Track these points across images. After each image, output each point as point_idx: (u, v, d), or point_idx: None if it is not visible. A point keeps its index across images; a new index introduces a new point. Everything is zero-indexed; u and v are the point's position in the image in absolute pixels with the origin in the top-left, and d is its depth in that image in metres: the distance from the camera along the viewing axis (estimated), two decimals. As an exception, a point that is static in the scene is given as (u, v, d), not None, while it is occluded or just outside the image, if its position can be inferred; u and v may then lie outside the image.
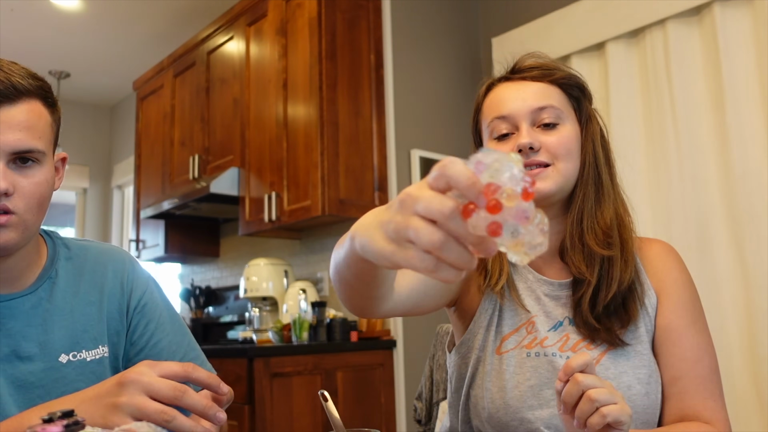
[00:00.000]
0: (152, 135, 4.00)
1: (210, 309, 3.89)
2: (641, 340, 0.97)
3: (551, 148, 0.97)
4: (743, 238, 2.22)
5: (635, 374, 0.94)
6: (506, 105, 1.00)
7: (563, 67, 1.05)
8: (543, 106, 0.99)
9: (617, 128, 2.59)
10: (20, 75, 0.90)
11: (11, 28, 4.02)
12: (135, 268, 1.08)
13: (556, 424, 0.93)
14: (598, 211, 1.00)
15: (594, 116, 1.05)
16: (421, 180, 0.52)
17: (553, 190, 0.98)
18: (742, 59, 2.29)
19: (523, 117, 0.99)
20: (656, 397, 0.95)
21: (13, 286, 0.97)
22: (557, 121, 0.99)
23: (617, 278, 0.97)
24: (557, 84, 1.02)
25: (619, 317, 0.97)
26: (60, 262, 1.03)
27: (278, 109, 2.94)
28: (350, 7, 2.88)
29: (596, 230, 0.99)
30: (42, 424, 0.57)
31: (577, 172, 1.00)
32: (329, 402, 0.84)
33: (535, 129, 0.99)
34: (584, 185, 1.00)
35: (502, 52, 3.03)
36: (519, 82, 1.03)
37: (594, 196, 1.00)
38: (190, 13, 3.97)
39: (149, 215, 3.66)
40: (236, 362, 2.33)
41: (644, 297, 1.00)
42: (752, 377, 2.16)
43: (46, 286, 0.99)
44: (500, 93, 1.03)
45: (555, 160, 0.98)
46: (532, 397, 0.95)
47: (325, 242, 3.12)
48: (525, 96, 1.00)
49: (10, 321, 0.95)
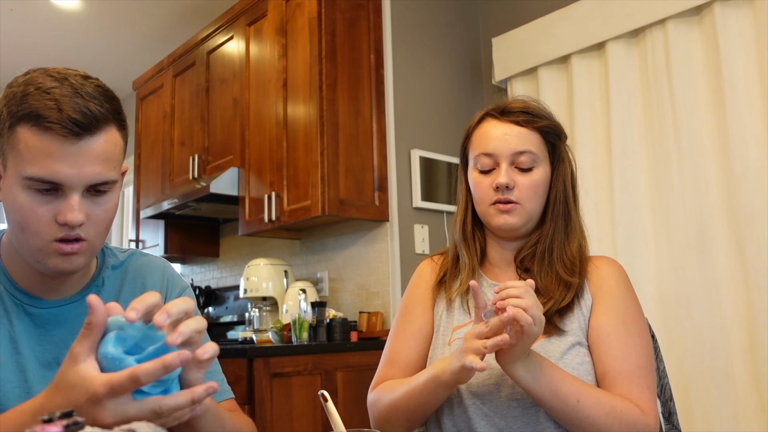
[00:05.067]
0: (152, 135, 4.00)
1: (210, 309, 3.89)
2: (575, 333, 1.10)
3: (522, 190, 1.14)
4: (743, 238, 2.22)
5: (563, 360, 1.07)
6: (491, 144, 1.16)
7: (546, 113, 1.20)
8: (523, 151, 1.14)
9: (617, 128, 2.59)
10: (97, 99, 0.87)
11: (11, 28, 4.02)
12: (173, 274, 1.11)
13: (480, 395, 1.08)
14: (566, 243, 1.17)
15: (566, 157, 1.21)
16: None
17: (519, 225, 1.15)
18: (742, 59, 2.29)
19: (504, 158, 1.15)
20: (588, 381, 1.06)
21: (63, 293, 0.98)
22: (532, 165, 1.15)
23: (571, 295, 1.13)
24: (538, 130, 1.17)
25: (559, 313, 1.12)
26: (107, 270, 1.04)
27: (278, 109, 2.94)
28: (350, 7, 2.88)
29: (564, 260, 1.15)
30: (42, 424, 0.57)
31: (541, 209, 1.17)
32: (329, 402, 0.84)
33: (513, 168, 1.15)
34: (554, 219, 1.17)
35: (502, 52, 3.03)
36: (506, 123, 1.17)
37: (564, 230, 1.17)
38: (190, 13, 3.97)
39: (149, 215, 3.66)
40: (236, 362, 2.33)
41: (581, 299, 1.14)
42: (752, 377, 2.16)
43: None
44: (489, 130, 1.18)
45: (523, 200, 1.14)
46: None
47: (325, 242, 3.12)
48: (509, 139, 1.15)
49: (55, 328, 0.96)
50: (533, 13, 2.96)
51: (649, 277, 2.45)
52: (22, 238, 0.89)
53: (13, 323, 0.94)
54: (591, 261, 1.19)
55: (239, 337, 3.07)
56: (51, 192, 0.86)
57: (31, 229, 0.87)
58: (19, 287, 0.96)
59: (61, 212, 0.86)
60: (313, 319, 2.65)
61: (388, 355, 1.22)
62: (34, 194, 0.86)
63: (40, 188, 0.86)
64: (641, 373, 1.05)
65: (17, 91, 0.86)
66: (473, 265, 1.20)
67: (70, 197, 0.86)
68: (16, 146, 0.85)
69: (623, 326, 1.09)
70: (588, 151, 2.69)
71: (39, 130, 0.84)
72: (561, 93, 2.86)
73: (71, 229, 0.87)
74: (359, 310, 2.87)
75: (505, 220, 1.14)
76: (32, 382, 0.93)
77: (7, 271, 0.97)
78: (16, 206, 0.87)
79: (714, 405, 2.22)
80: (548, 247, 1.16)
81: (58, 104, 0.83)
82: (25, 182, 0.85)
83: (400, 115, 2.91)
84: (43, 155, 0.84)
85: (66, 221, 0.86)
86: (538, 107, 1.20)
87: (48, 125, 0.83)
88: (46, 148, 0.84)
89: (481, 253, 1.23)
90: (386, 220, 2.82)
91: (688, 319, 2.32)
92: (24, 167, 0.85)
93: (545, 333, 1.08)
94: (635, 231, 2.51)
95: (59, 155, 0.84)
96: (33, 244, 0.88)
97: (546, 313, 1.07)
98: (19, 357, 0.93)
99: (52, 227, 0.87)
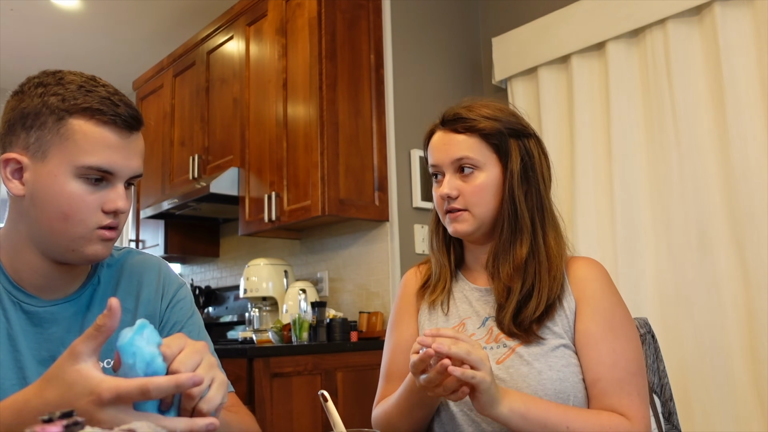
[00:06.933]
0: (152, 135, 4.00)
1: (210, 309, 3.89)
2: (558, 335, 1.09)
3: (467, 196, 1.14)
4: (743, 238, 2.22)
5: (547, 361, 1.06)
6: (435, 155, 1.18)
7: (485, 114, 1.15)
8: (461, 157, 1.14)
9: (617, 128, 2.58)
10: (130, 102, 0.96)
11: (11, 28, 4.02)
12: (169, 273, 1.12)
13: (467, 401, 1.04)
14: (512, 246, 1.13)
15: (515, 154, 1.14)
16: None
17: (470, 231, 1.15)
18: (742, 59, 2.29)
19: (446, 167, 1.16)
20: (573, 385, 1.05)
21: (60, 292, 0.99)
22: (473, 169, 1.14)
23: (544, 299, 1.09)
24: (478, 133, 1.14)
25: (537, 320, 1.09)
26: (103, 269, 1.05)
27: (278, 109, 2.94)
28: (350, 7, 2.88)
29: (508, 265, 1.12)
30: (42, 424, 0.56)
31: (494, 213, 1.15)
32: (329, 402, 0.84)
33: (458, 176, 1.15)
34: (500, 221, 1.14)
35: (502, 52, 3.03)
36: (446, 132, 1.18)
37: (509, 231, 1.13)
38: (190, 13, 3.97)
39: (149, 215, 3.66)
40: (236, 362, 2.32)
41: (564, 301, 1.11)
42: (752, 377, 2.16)
43: (88, 293, 1.02)
44: (434, 141, 1.20)
45: (469, 206, 1.14)
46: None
47: (325, 242, 3.12)
48: (448, 147, 1.16)
49: (52, 326, 0.97)
50: (533, 13, 2.96)
51: (649, 277, 2.45)
52: (64, 228, 0.91)
53: (10, 321, 0.95)
54: (572, 262, 1.17)
55: (239, 337, 3.07)
56: (99, 182, 0.92)
57: (77, 217, 0.91)
58: (16, 285, 0.97)
59: (111, 200, 0.92)
60: (313, 319, 2.65)
61: (384, 371, 1.23)
62: (84, 183, 0.91)
63: (93, 177, 0.91)
64: (631, 379, 1.05)
65: (56, 89, 0.91)
66: (446, 273, 1.22)
67: (117, 186, 0.93)
68: (70, 137, 0.90)
69: (611, 332, 1.08)
70: (588, 151, 2.69)
71: (99, 122, 0.91)
72: (561, 93, 2.86)
73: (115, 217, 0.94)
74: (359, 310, 2.87)
75: (455, 228, 1.15)
76: (30, 379, 0.93)
77: (5, 268, 0.97)
78: (63, 195, 0.90)
79: (714, 405, 2.22)
80: (493, 252, 1.15)
81: (112, 101, 0.92)
82: (80, 171, 0.90)
83: (400, 115, 2.91)
84: (103, 146, 0.91)
85: (117, 208, 0.93)
86: (472, 112, 1.16)
87: (111, 118, 0.91)
88: (106, 139, 0.91)
89: (461, 257, 1.25)
90: (386, 220, 2.82)
91: (688, 319, 2.32)
92: (80, 157, 0.90)
93: (525, 342, 1.08)
94: (635, 231, 2.50)
95: (116, 147, 0.92)
96: (76, 232, 0.92)
97: (519, 323, 1.09)
98: (17, 354, 0.94)
99: (97, 215, 0.92)
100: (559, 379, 1.04)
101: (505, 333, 1.10)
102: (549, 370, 1.05)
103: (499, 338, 1.11)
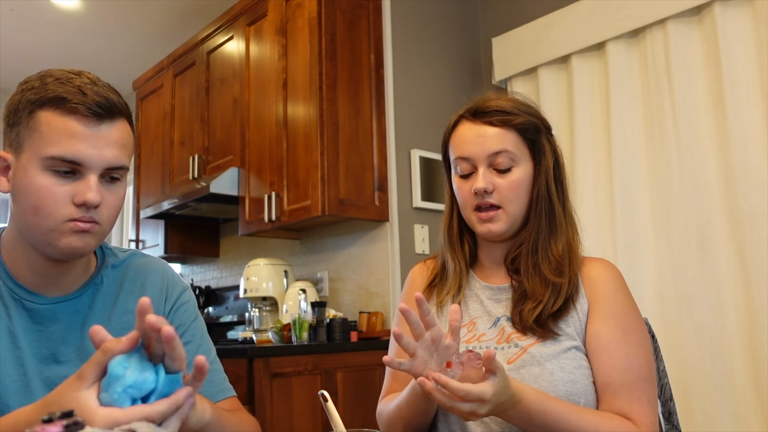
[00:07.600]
0: (152, 135, 4.00)
1: (210, 309, 3.89)
2: (571, 336, 1.08)
3: (502, 192, 1.11)
4: (743, 238, 2.22)
5: (558, 362, 1.05)
6: (467, 147, 1.13)
7: (522, 109, 1.15)
8: (498, 151, 1.11)
9: (617, 128, 2.58)
10: (113, 92, 0.93)
11: (11, 28, 4.02)
12: (173, 276, 1.12)
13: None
14: (551, 241, 1.12)
15: (548, 150, 1.16)
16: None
17: (503, 230, 1.12)
18: (742, 59, 2.29)
19: (481, 160, 1.12)
20: (584, 387, 1.04)
21: (62, 290, 0.99)
22: (510, 165, 1.12)
23: (563, 297, 1.09)
24: (515, 128, 1.12)
25: (552, 317, 1.08)
26: (106, 270, 1.05)
27: (278, 109, 2.94)
28: (350, 7, 2.88)
29: (550, 260, 1.11)
30: (42, 424, 0.57)
31: (525, 210, 1.13)
32: (329, 402, 0.84)
33: (491, 171, 1.12)
34: (538, 217, 1.13)
35: (502, 52, 3.03)
36: (480, 125, 1.14)
37: (547, 228, 1.13)
38: (190, 13, 3.97)
39: (149, 215, 3.66)
40: (236, 362, 2.32)
41: (577, 302, 1.10)
42: (752, 377, 2.16)
43: (90, 293, 1.01)
44: (464, 133, 1.15)
45: (504, 203, 1.11)
46: None
47: (325, 242, 3.12)
48: (484, 141, 1.12)
49: (52, 324, 0.97)
50: (533, 13, 2.96)
51: (649, 277, 2.45)
52: (35, 221, 0.90)
53: (12, 318, 0.95)
54: (586, 263, 1.16)
55: (239, 337, 3.07)
56: (69, 175, 0.90)
57: (46, 210, 0.89)
58: (18, 282, 0.97)
59: (80, 192, 0.89)
60: (313, 319, 2.65)
61: (390, 369, 1.22)
62: (52, 175, 0.89)
63: (60, 169, 0.89)
64: (642, 385, 1.04)
65: (35, 83, 0.91)
66: (460, 270, 1.19)
67: (88, 178, 0.90)
68: (36, 129, 0.89)
69: (623, 335, 1.07)
70: (588, 151, 2.69)
71: (63, 112, 0.88)
72: (561, 93, 2.86)
73: (87, 211, 0.90)
74: (359, 310, 2.87)
75: (489, 229, 1.12)
76: (30, 376, 0.94)
77: (7, 266, 0.97)
78: (32, 188, 0.89)
79: (714, 405, 2.22)
80: (532, 247, 1.12)
81: (81, 90, 0.89)
82: (46, 163, 0.88)
83: (400, 115, 2.91)
84: (67, 135, 0.88)
85: (85, 200, 0.89)
86: (511, 104, 1.15)
87: (73, 106, 0.88)
88: (69, 128, 0.88)
89: (472, 254, 1.22)
90: (386, 220, 2.82)
91: (688, 319, 2.32)
92: (45, 148, 0.88)
93: (540, 337, 1.07)
94: (635, 231, 2.50)
95: (82, 136, 0.89)
96: (46, 224, 0.89)
97: (539, 318, 1.08)
98: (19, 352, 0.94)
99: (67, 207, 0.89)
100: (570, 380, 1.04)
101: (521, 329, 1.09)
102: (561, 371, 1.04)
103: (511, 338, 1.09)
